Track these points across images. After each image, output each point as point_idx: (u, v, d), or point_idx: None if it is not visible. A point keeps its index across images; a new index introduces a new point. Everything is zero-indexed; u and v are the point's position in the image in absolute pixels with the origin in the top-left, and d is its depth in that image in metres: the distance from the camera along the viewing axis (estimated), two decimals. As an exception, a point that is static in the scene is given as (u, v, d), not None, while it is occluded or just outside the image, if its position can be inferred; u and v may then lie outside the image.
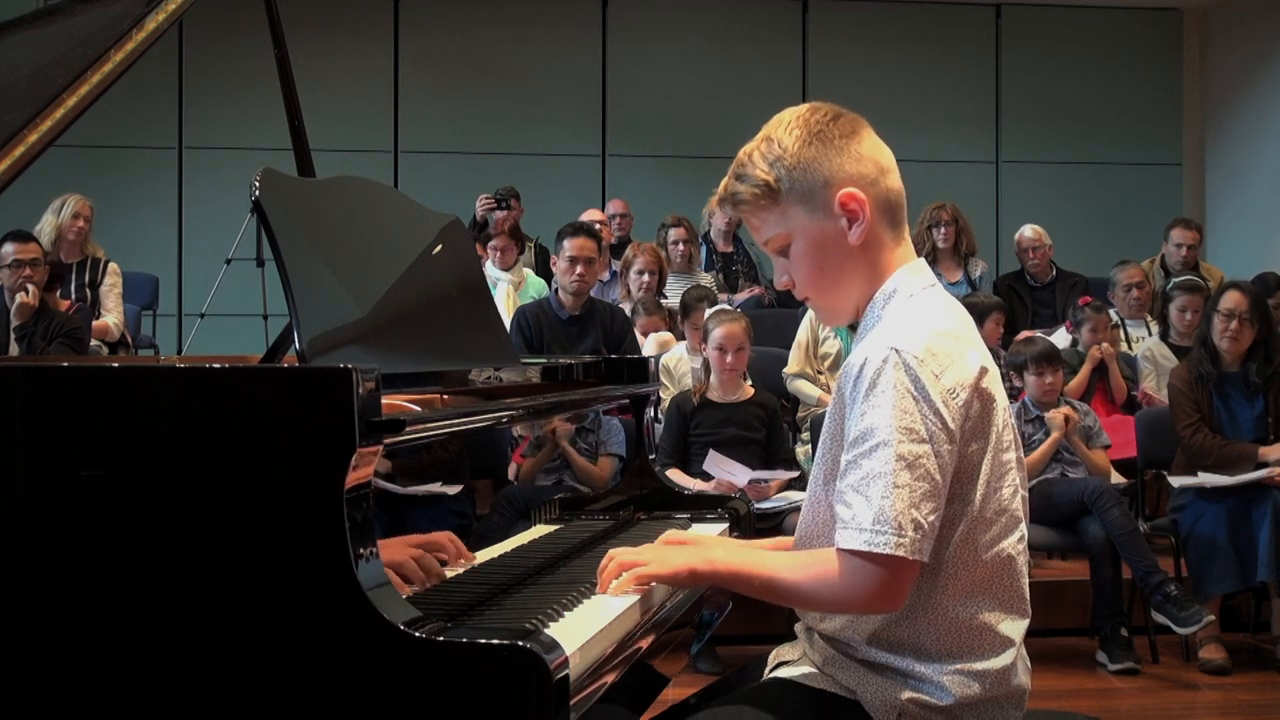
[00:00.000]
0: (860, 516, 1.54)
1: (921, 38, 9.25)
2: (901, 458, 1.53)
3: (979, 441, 1.61)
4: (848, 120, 1.72)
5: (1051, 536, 4.69)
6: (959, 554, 1.62)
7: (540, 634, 1.41)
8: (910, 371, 1.56)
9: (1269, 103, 8.98)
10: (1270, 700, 4.20)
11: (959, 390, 1.58)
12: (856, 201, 1.68)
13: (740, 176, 1.74)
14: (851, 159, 1.69)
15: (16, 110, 1.94)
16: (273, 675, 1.40)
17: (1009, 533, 1.65)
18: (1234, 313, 4.69)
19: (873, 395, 1.57)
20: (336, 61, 8.53)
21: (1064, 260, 7.32)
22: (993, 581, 1.64)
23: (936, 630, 1.62)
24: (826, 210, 1.69)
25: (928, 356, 1.57)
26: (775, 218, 1.73)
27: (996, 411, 1.63)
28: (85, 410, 1.45)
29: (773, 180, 1.70)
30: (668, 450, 4.67)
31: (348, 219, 2.06)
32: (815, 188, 1.69)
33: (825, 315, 1.86)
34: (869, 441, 1.56)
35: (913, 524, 1.53)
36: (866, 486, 1.55)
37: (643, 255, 6.26)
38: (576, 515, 2.38)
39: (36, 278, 5.45)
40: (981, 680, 1.63)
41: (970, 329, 1.69)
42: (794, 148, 1.69)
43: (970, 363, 1.61)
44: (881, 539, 1.52)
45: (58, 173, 6.50)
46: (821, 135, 1.69)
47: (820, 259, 1.72)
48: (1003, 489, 1.64)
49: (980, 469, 1.62)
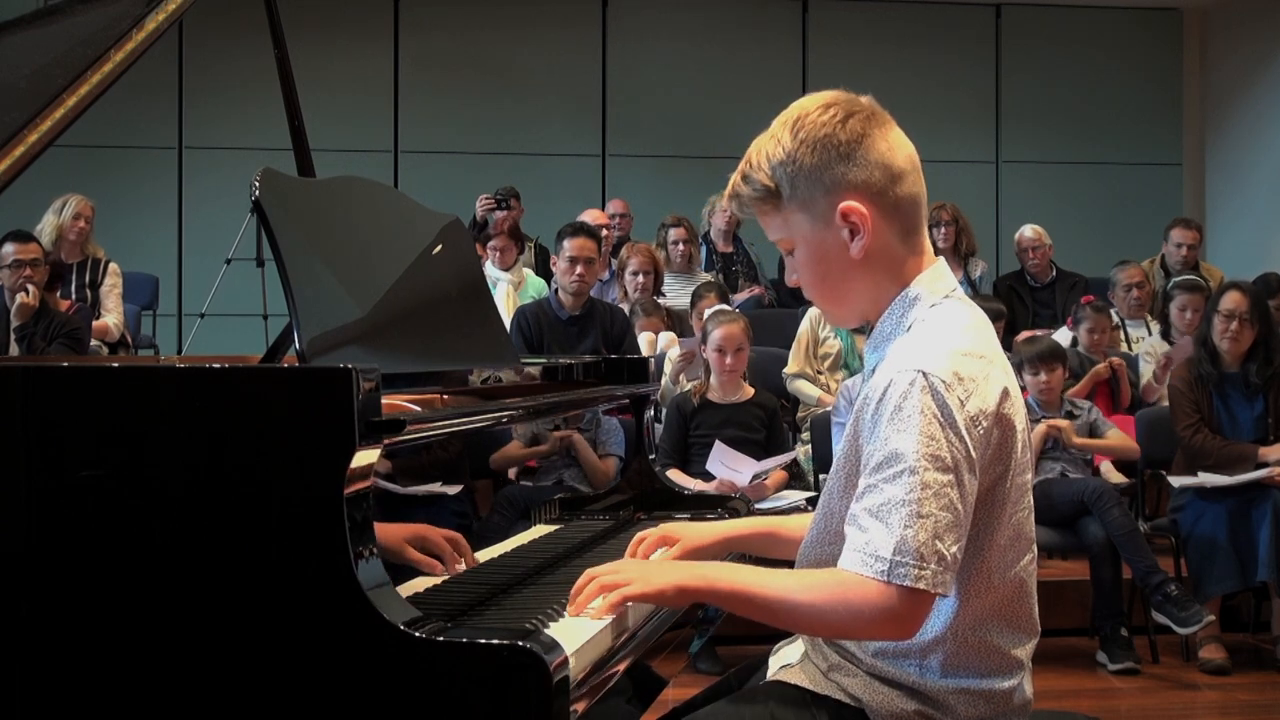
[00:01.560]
0: (879, 544, 1.48)
1: (921, 38, 9.25)
2: (927, 486, 1.47)
3: (999, 468, 1.57)
4: (859, 121, 1.63)
5: (1051, 536, 4.69)
6: (975, 580, 1.59)
7: (540, 634, 1.41)
8: (938, 396, 1.50)
9: (1269, 103, 8.98)
10: (1270, 700, 4.20)
11: (982, 419, 1.53)
12: (857, 215, 1.61)
13: (746, 177, 1.68)
14: (858, 166, 1.61)
15: (16, 110, 1.94)
16: (273, 675, 1.40)
17: (1022, 555, 1.63)
18: (1234, 313, 4.69)
19: (898, 419, 1.51)
20: (336, 61, 8.53)
21: (1064, 260, 7.32)
22: (1006, 606, 1.62)
23: (947, 652, 1.60)
24: (828, 220, 1.62)
25: (954, 381, 1.52)
26: (779, 222, 1.67)
27: (1016, 436, 1.59)
28: (85, 410, 1.45)
29: (774, 185, 1.64)
30: (668, 450, 4.67)
31: (348, 219, 2.06)
32: (816, 196, 1.62)
33: (831, 319, 1.81)
34: (893, 467, 1.49)
35: (935, 555, 1.47)
36: (888, 514, 1.48)
37: (637, 256, 6.26)
38: (576, 515, 2.37)
39: (37, 278, 5.45)
40: (990, 700, 1.62)
41: (993, 343, 1.63)
42: (797, 152, 1.62)
43: (994, 387, 1.56)
44: (901, 570, 1.46)
45: (58, 173, 6.50)
46: (828, 140, 1.61)
47: (822, 269, 1.66)
48: (1019, 513, 1.61)
49: (999, 497, 1.58)
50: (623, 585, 1.59)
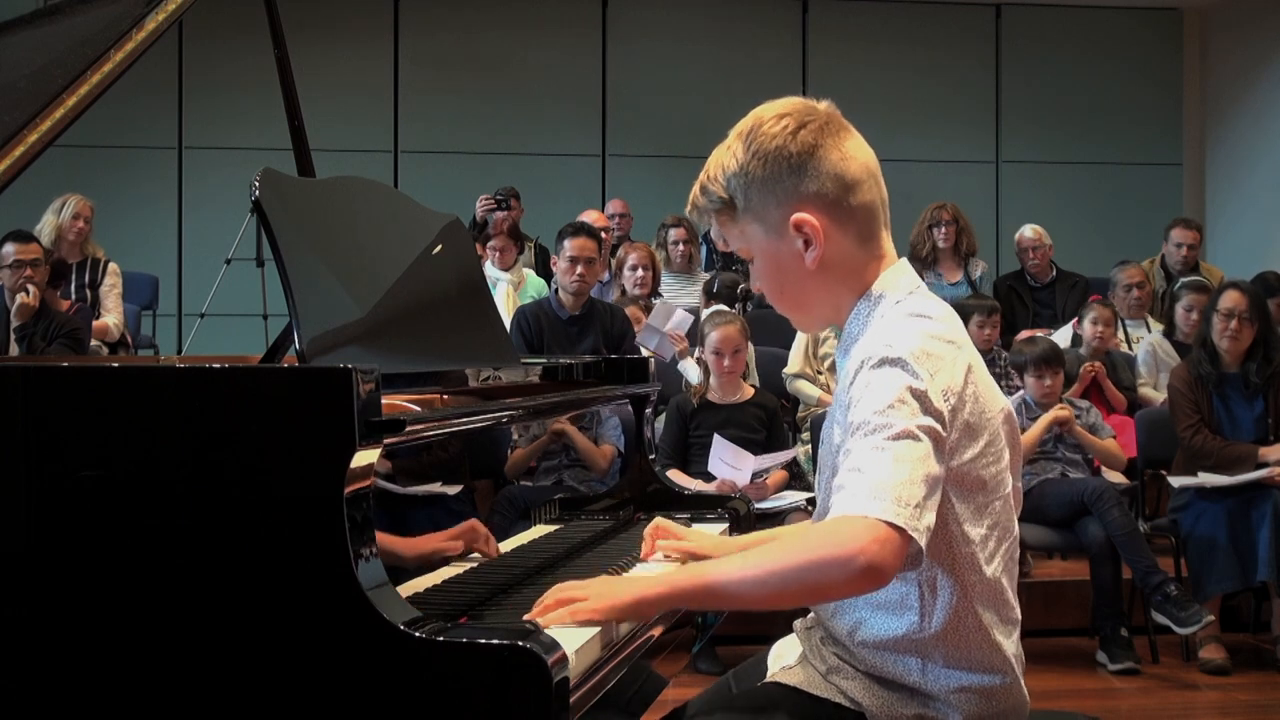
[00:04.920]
0: (855, 490, 1.46)
1: (921, 38, 9.25)
2: (898, 438, 1.47)
3: (972, 450, 1.58)
4: (811, 132, 1.63)
5: (1051, 536, 4.69)
6: (968, 570, 1.59)
7: (540, 634, 1.41)
8: (908, 368, 1.52)
9: (1269, 103, 8.98)
10: (1270, 700, 4.20)
11: (950, 394, 1.55)
12: (809, 226, 1.62)
13: (703, 189, 1.70)
14: (810, 178, 1.62)
15: (16, 110, 1.94)
16: (273, 675, 1.40)
17: (1003, 543, 1.64)
18: (1233, 312, 4.69)
19: (867, 392, 1.52)
20: (336, 61, 8.52)
21: (1064, 260, 7.32)
22: (994, 596, 1.63)
23: (949, 645, 1.60)
24: (781, 232, 1.64)
25: (922, 355, 1.54)
26: (736, 232, 1.70)
27: (987, 420, 1.59)
28: (85, 410, 1.45)
29: (728, 197, 1.67)
30: (668, 451, 4.67)
31: (348, 219, 2.06)
32: (769, 208, 1.64)
33: (796, 324, 1.83)
34: (864, 429, 1.50)
35: (911, 498, 1.45)
36: (861, 464, 1.47)
37: (635, 252, 6.32)
38: (576, 515, 2.38)
39: (37, 278, 5.45)
40: (989, 698, 1.62)
41: (960, 332, 1.64)
42: (749, 165, 1.64)
43: (959, 367, 1.58)
44: (877, 505, 1.43)
45: (58, 173, 6.51)
46: (778, 153, 1.62)
47: (779, 279, 1.69)
48: (995, 502, 1.62)
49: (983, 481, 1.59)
50: (580, 600, 1.56)
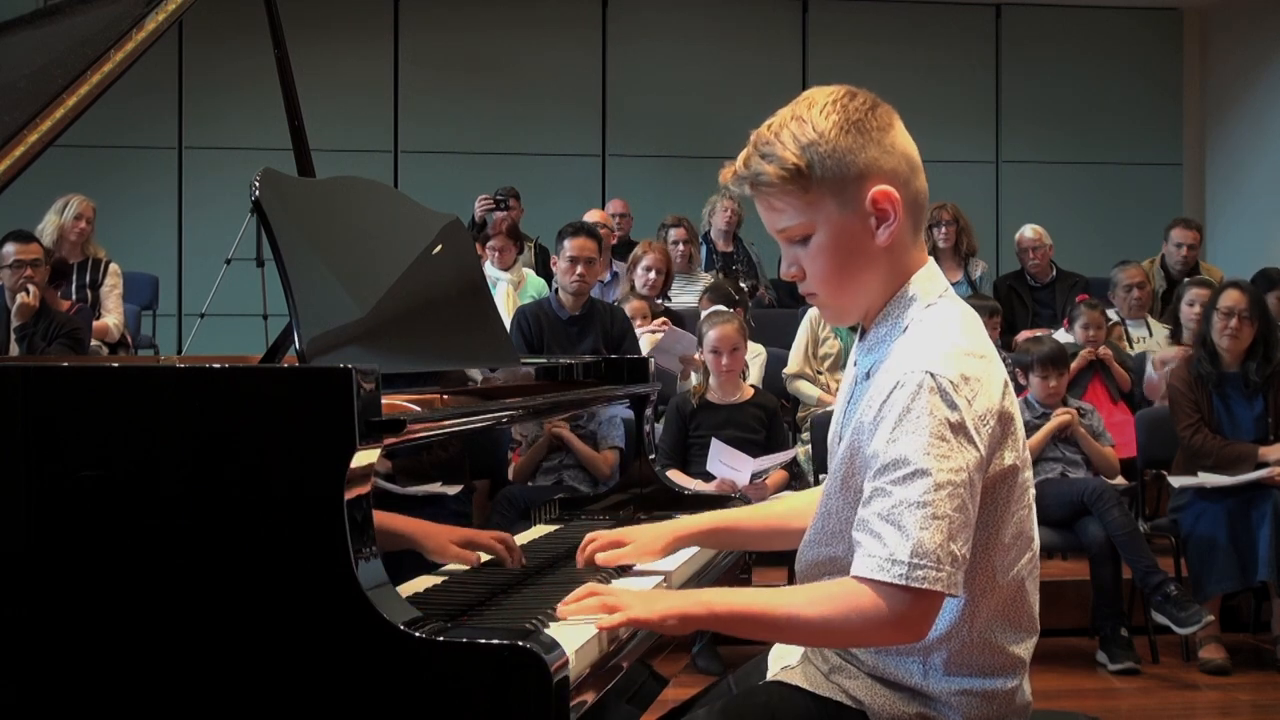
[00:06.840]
0: (895, 548, 1.46)
1: (921, 38, 9.25)
2: (940, 487, 1.46)
3: (1001, 463, 1.56)
4: (885, 111, 1.61)
5: (1051, 536, 4.69)
6: (979, 579, 1.58)
7: (540, 634, 1.41)
8: (947, 397, 1.49)
9: (1269, 103, 8.98)
10: (1270, 700, 4.20)
11: (989, 417, 1.53)
12: (890, 200, 1.57)
13: (766, 155, 1.59)
14: (887, 153, 1.58)
15: (16, 110, 1.94)
16: (273, 675, 1.40)
17: (1024, 553, 1.63)
18: (1233, 310, 4.69)
19: (906, 421, 1.49)
20: (336, 61, 8.52)
21: (1064, 260, 7.32)
22: (1009, 604, 1.62)
23: (951, 651, 1.60)
24: (857, 206, 1.58)
25: (961, 382, 1.51)
26: (800, 206, 1.59)
27: (1016, 429, 1.59)
28: (85, 410, 1.45)
29: (804, 165, 1.56)
30: (667, 451, 4.67)
31: (348, 219, 2.06)
32: (849, 180, 1.57)
33: (830, 314, 1.73)
34: (902, 469, 1.48)
35: (950, 557, 1.46)
36: (900, 516, 1.47)
37: (652, 252, 6.24)
38: (576, 515, 2.37)
39: (38, 278, 5.44)
40: (992, 701, 1.62)
41: (987, 341, 1.62)
42: (831, 133, 1.56)
43: (995, 385, 1.56)
44: (920, 573, 1.45)
45: (58, 173, 6.49)
46: (860, 124, 1.57)
47: (842, 256, 1.60)
48: (1021, 510, 1.61)
49: (1004, 495, 1.58)
50: (623, 608, 1.55)
